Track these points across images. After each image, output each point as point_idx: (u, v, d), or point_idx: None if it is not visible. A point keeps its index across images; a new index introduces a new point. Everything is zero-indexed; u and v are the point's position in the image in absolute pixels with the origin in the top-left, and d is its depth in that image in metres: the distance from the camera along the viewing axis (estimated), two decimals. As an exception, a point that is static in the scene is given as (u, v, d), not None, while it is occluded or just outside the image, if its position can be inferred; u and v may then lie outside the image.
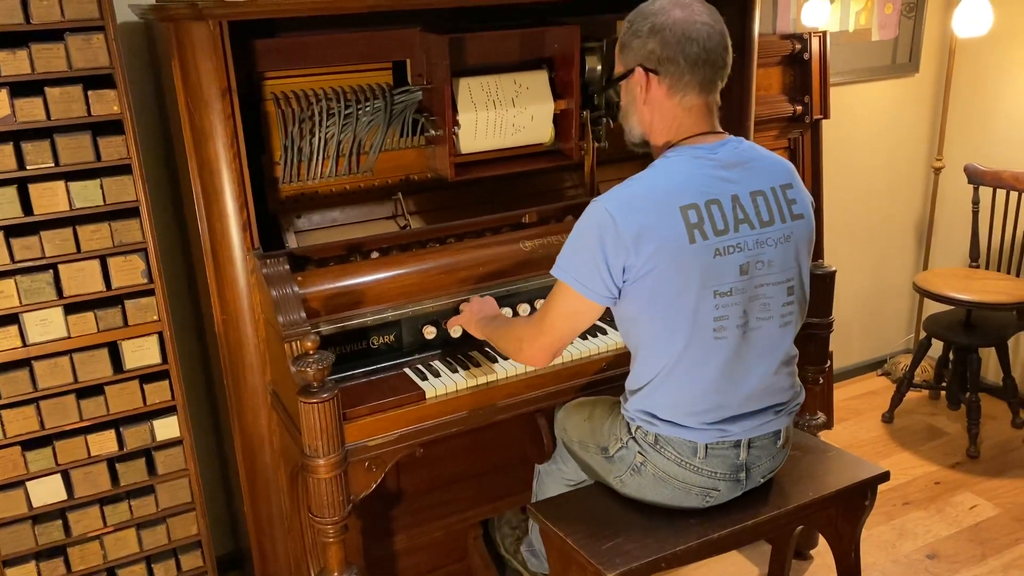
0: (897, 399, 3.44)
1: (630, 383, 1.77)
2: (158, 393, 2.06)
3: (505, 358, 2.06)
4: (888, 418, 3.47)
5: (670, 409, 1.71)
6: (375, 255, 2.15)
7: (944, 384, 3.51)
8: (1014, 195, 3.25)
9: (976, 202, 3.34)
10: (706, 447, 1.72)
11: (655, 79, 1.64)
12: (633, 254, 1.58)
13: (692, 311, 1.62)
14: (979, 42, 3.36)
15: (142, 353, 2.03)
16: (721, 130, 1.70)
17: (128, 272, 1.96)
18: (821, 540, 2.57)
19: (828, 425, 3.38)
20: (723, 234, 1.60)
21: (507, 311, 2.14)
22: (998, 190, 3.29)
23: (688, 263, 1.59)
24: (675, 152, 1.66)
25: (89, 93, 1.83)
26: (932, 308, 3.54)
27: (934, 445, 3.30)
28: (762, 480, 1.83)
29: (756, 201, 1.65)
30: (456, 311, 2.11)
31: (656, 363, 1.68)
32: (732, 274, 1.62)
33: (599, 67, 2.41)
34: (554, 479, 2.07)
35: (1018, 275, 3.29)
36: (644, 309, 1.64)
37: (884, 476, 1.94)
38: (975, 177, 3.32)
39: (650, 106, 1.67)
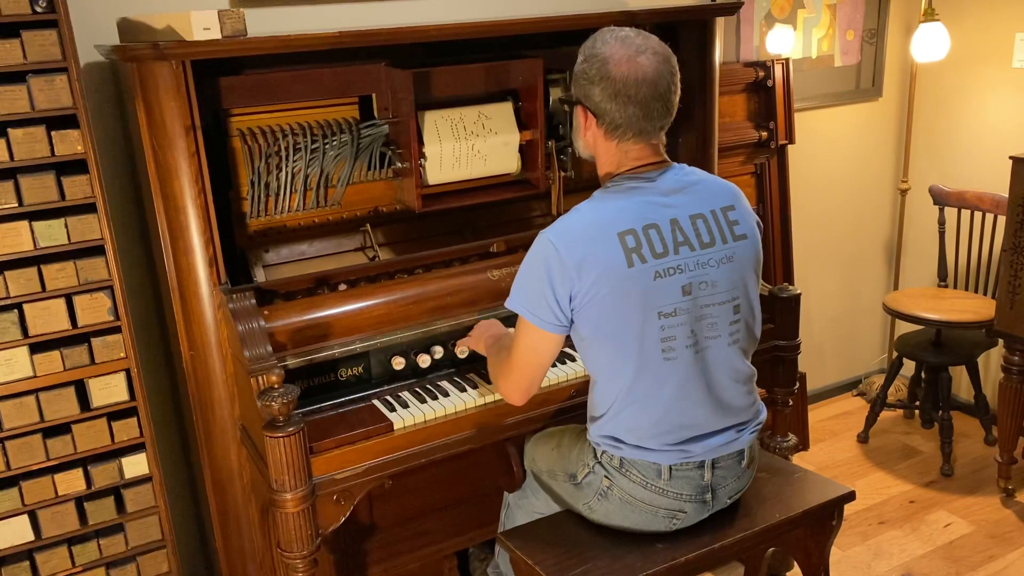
0: (871, 419, 3.47)
1: (592, 410, 1.80)
2: (126, 430, 2.05)
3: (475, 387, 2.08)
4: (863, 438, 3.49)
5: (633, 433, 1.73)
6: (343, 287, 2.16)
7: (917, 403, 3.54)
8: (978, 215, 3.31)
9: (942, 222, 3.39)
10: (670, 468, 1.74)
11: (593, 120, 1.70)
12: (577, 282, 1.63)
13: (638, 333, 1.65)
14: (939, 66, 3.44)
15: (109, 391, 2.02)
16: (665, 158, 1.75)
17: (94, 310, 1.96)
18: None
19: (804, 446, 3.41)
20: (662, 257, 1.65)
21: (512, 331, 2.14)
22: (963, 210, 3.34)
23: (628, 287, 1.63)
24: (615, 183, 1.72)
25: (53, 133, 1.84)
26: (903, 328, 3.57)
27: (909, 464, 3.32)
28: (728, 501, 1.84)
29: (696, 224, 1.69)
30: (425, 341, 2.13)
31: (613, 388, 1.71)
32: (674, 295, 1.66)
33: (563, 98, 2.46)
34: (524, 512, 2.07)
35: (985, 294, 3.34)
36: (594, 335, 1.68)
37: (850, 496, 1.95)
38: (940, 198, 3.37)
39: (591, 139, 1.73)
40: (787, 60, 3.11)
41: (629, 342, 1.66)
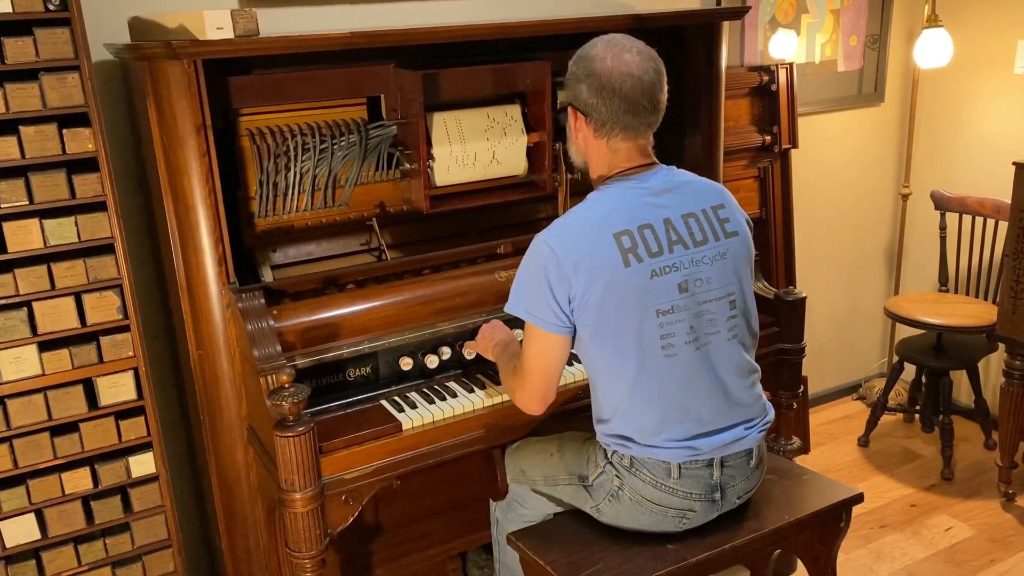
0: (872, 423, 3.48)
1: (598, 412, 1.81)
2: (133, 429, 2.05)
3: (483, 387, 2.08)
4: (864, 442, 3.50)
5: (641, 431, 1.74)
6: (351, 287, 2.16)
7: (918, 407, 3.55)
8: (979, 220, 3.32)
9: (943, 227, 3.41)
10: (680, 467, 1.75)
11: (583, 119, 1.73)
12: (574, 283, 1.65)
13: (637, 332, 1.68)
14: (941, 72, 3.46)
15: (117, 389, 2.02)
16: (654, 160, 1.78)
17: (103, 308, 1.96)
18: (800, 564, 2.58)
19: (805, 450, 3.41)
20: (658, 256, 1.68)
21: (519, 332, 2.14)
22: (964, 215, 3.36)
23: (625, 286, 1.66)
24: (608, 184, 1.75)
25: (64, 131, 1.84)
26: (904, 332, 3.59)
27: (909, 468, 3.33)
28: (738, 501, 1.85)
29: (688, 223, 1.72)
30: (433, 342, 2.14)
31: (617, 388, 1.73)
32: (671, 293, 1.69)
33: (570, 100, 2.46)
34: (515, 525, 2.05)
35: (986, 299, 3.35)
36: (594, 337, 1.70)
37: (858, 498, 1.96)
38: (941, 203, 3.39)
39: (583, 141, 1.77)
40: (791, 65, 3.12)
41: (628, 341, 1.68)
